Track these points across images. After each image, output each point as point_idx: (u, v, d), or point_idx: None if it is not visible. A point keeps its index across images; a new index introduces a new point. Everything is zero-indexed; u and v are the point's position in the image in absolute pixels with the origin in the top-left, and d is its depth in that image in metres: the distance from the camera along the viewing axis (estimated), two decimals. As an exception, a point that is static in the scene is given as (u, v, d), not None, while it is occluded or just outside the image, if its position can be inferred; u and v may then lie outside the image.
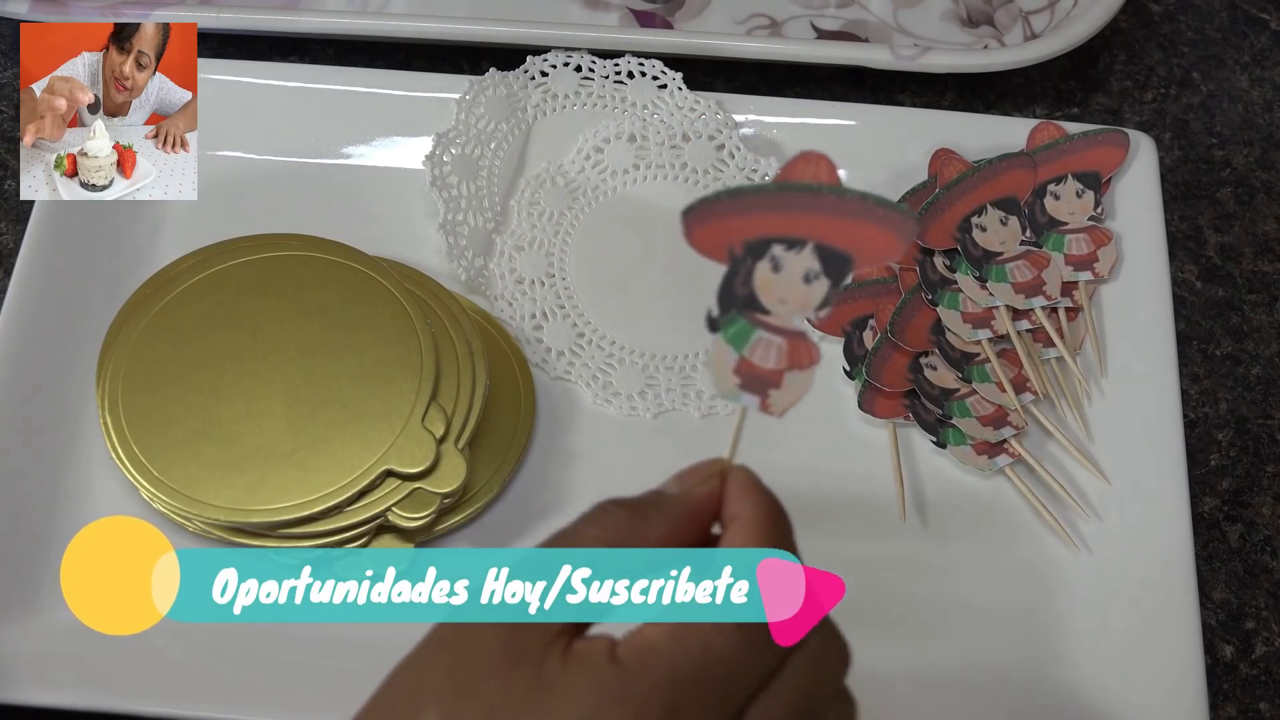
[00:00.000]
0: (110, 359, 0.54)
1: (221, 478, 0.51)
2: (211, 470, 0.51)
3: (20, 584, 0.52)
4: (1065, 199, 0.60)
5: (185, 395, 0.53)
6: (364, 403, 0.52)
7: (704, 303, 0.60)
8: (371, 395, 0.52)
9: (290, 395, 0.52)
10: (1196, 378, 0.60)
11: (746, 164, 0.61)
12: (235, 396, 0.53)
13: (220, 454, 0.52)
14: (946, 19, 0.69)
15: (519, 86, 0.62)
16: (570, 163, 0.62)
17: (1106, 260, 0.59)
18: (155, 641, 0.51)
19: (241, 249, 0.57)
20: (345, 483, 0.51)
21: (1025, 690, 0.51)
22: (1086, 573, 0.53)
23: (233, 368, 0.53)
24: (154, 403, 0.53)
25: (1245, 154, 0.66)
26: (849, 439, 0.57)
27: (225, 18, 0.63)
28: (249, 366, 0.53)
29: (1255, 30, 0.70)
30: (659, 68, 0.63)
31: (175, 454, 0.52)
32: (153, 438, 0.52)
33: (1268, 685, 0.54)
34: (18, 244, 0.58)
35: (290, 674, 0.51)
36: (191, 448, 0.52)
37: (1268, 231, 0.64)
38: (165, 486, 0.51)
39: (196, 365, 0.54)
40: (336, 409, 0.52)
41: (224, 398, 0.53)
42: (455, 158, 0.60)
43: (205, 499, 0.51)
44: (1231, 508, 0.57)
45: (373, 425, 0.52)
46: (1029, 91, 0.68)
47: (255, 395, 0.53)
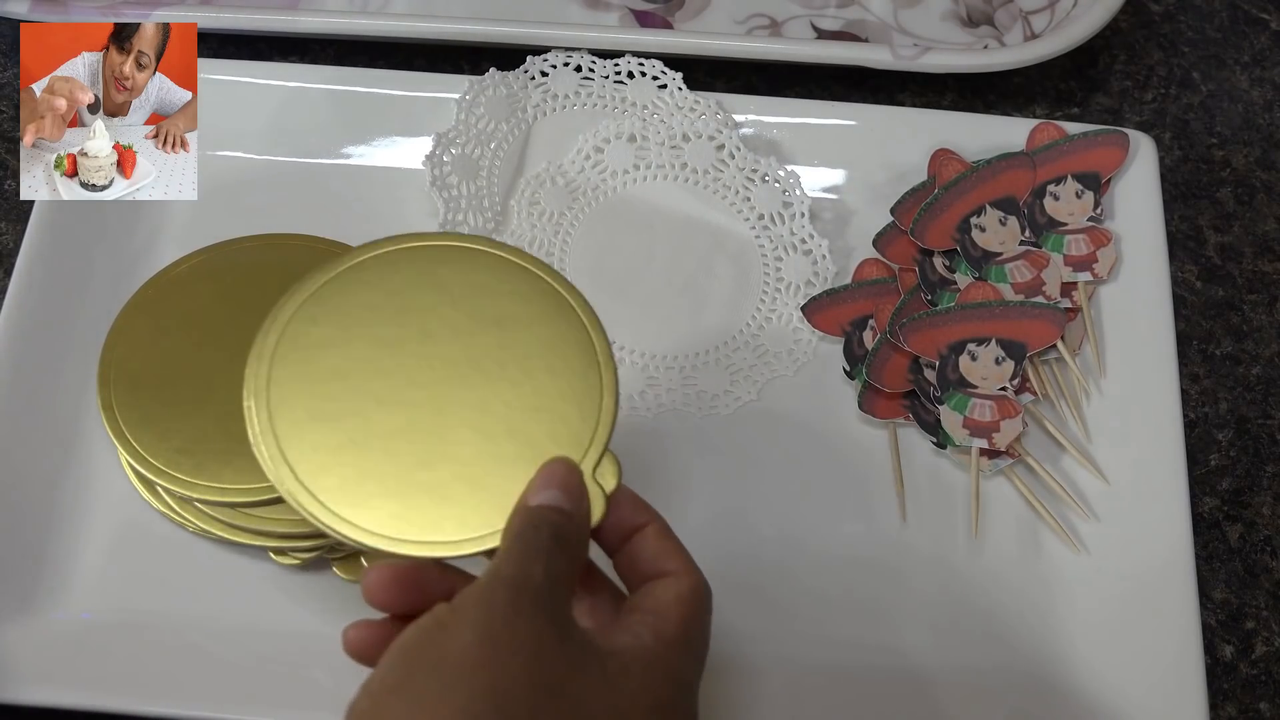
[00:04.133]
0: (111, 359, 0.54)
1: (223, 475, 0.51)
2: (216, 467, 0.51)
3: (20, 584, 0.52)
4: (1065, 199, 0.60)
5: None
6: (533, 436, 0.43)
7: (703, 303, 0.60)
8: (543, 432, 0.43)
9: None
10: (1196, 378, 0.60)
11: (746, 164, 0.61)
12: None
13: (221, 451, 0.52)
14: (946, 19, 0.69)
15: (519, 86, 0.62)
16: (570, 163, 0.62)
17: (1106, 261, 0.59)
18: (155, 641, 0.51)
19: (242, 249, 0.57)
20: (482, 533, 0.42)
21: (1025, 690, 0.51)
22: (1086, 573, 0.53)
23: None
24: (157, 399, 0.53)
25: (1245, 154, 0.66)
26: (849, 439, 0.57)
27: (225, 18, 0.64)
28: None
29: (1255, 30, 0.70)
30: (659, 68, 0.63)
31: (172, 453, 0.52)
32: (153, 436, 0.52)
33: (1268, 685, 0.54)
34: (18, 244, 0.58)
35: (290, 674, 0.51)
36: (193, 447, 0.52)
37: (1268, 231, 0.64)
38: (168, 475, 0.51)
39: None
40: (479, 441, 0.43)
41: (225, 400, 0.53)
42: (455, 158, 0.60)
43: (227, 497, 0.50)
44: (1231, 508, 0.57)
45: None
46: (1029, 91, 0.67)
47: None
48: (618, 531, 0.41)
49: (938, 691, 0.51)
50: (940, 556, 0.54)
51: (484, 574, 0.38)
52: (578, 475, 0.41)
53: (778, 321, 0.59)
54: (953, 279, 0.58)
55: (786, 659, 0.52)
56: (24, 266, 0.57)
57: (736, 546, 0.54)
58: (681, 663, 0.39)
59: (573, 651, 0.36)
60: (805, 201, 0.61)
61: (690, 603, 0.40)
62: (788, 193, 0.61)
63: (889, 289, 0.59)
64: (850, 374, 0.58)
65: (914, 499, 0.55)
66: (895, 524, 0.55)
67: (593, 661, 0.37)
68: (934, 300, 0.58)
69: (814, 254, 0.60)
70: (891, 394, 0.57)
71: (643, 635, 0.38)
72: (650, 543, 0.41)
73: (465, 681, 0.34)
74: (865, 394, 0.57)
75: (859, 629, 0.53)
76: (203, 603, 0.52)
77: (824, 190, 0.62)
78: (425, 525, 0.41)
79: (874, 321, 0.58)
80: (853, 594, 0.53)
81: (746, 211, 0.61)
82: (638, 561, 0.41)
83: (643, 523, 0.41)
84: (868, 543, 0.54)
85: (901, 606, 0.53)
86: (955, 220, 0.59)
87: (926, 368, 0.57)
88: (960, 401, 0.55)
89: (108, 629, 0.51)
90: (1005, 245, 0.59)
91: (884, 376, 0.56)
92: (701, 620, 0.40)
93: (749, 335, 0.59)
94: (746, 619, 0.52)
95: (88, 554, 0.53)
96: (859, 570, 0.54)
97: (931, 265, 0.59)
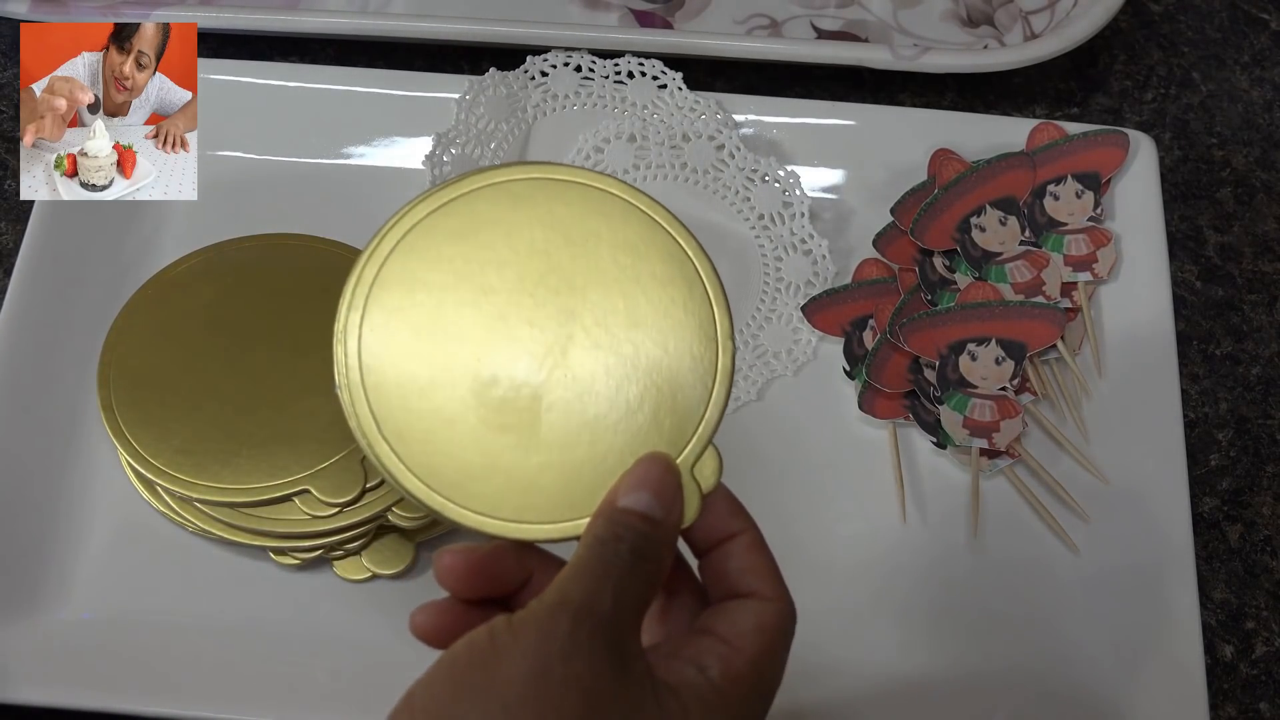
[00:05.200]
0: (111, 359, 0.54)
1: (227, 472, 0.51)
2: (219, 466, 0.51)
3: (20, 584, 0.52)
4: (1065, 199, 0.60)
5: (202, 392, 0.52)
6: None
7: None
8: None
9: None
10: (1196, 378, 0.60)
11: (746, 164, 0.61)
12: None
13: (221, 450, 0.52)
14: (946, 19, 0.69)
15: (519, 86, 0.62)
16: (570, 163, 0.62)
17: (1106, 261, 0.59)
18: (155, 641, 0.51)
19: (242, 249, 0.57)
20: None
21: (1025, 690, 0.51)
22: (1087, 573, 0.53)
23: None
24: (157, 399, 0.53)
25: (1245, 154, 0.66)
26: (849, 439, 0.57)
27: (225, 18, 0.64)
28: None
29: (1255, 30, 0.70)
30: (659, 68, 0.63)
31: (172, 453, 0.52)
32: (153, 436, 0.52)
33: (1268, 685, 0.54)
34: (18, 244, 0.58)
35: (290, 674, 0.51)
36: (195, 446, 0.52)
37: (1268, 231, 0.64)
38: (168, 475, 0.51)
39: (204, 363, 0.53)
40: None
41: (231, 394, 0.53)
42: (455, 158, 0.60)
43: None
44: (1231, 508, 0.57)
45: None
46: (1029, 91, 0.68)
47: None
48: (708, 536, 0.38)
49: (937, 691, 0.51)
50: (940, 556, 0.54)
51: (549, 591, 0.34)
52: (675, 478, 0.37)
53: (778, 321, 0.59)
54: (953, 279, 0.58)
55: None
56: (24, 266, 0.57)
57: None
58: (747, 704, 0.36)
59: (630, 690, 0.34)
60: (805, 201, 0.61)
61: (769, 634, 0.36)
62: (788, 193, 0.61)
63: (889, 289, 0.59)
64: (850, 374, 0.58)
65: (914, 499, 0.55)
66: (895, 524, 0.55)
67: (649, 700, 0.34)
68: (934, 300, 0.58)
69: (814, 254, 0.60)
70: (891, 394, 0.57)
71: (710, 669, 0.35)
72: (740, 555, 0.37)
73: (511, 716, 0.32)
74: (865, 394, 0.57)
75: (859, 629, 0.53)
76: (203, 603, 0.52)
77: (824, 190, 0.62)
78: (510, 506, 0.37)
79: (874, 321, 0.58)
80: (852, 594, 0.53)
81: (746, 211, 0.61)
82: (723, 574, 0.37)
83: (736, 531, 0.37)
84: (868, 543, 0.54)
85: (901, 606, 0.53)
86: (955, 220, 0.59)
87: (926, 368, 0.57)
88: (960, 401, 0.55)
89: (108, 629, 0.51)
90: (1005, 245, 0.59)
91: (884, 376, 0.56)
92: (779, 655, 0.37)
93: (749, 335, 0.59)
94: (746, 619, 0.52)
95: (88, 554, 0.53)
96: (859, 570, 0.54)
97: (931, 265, 0.59)
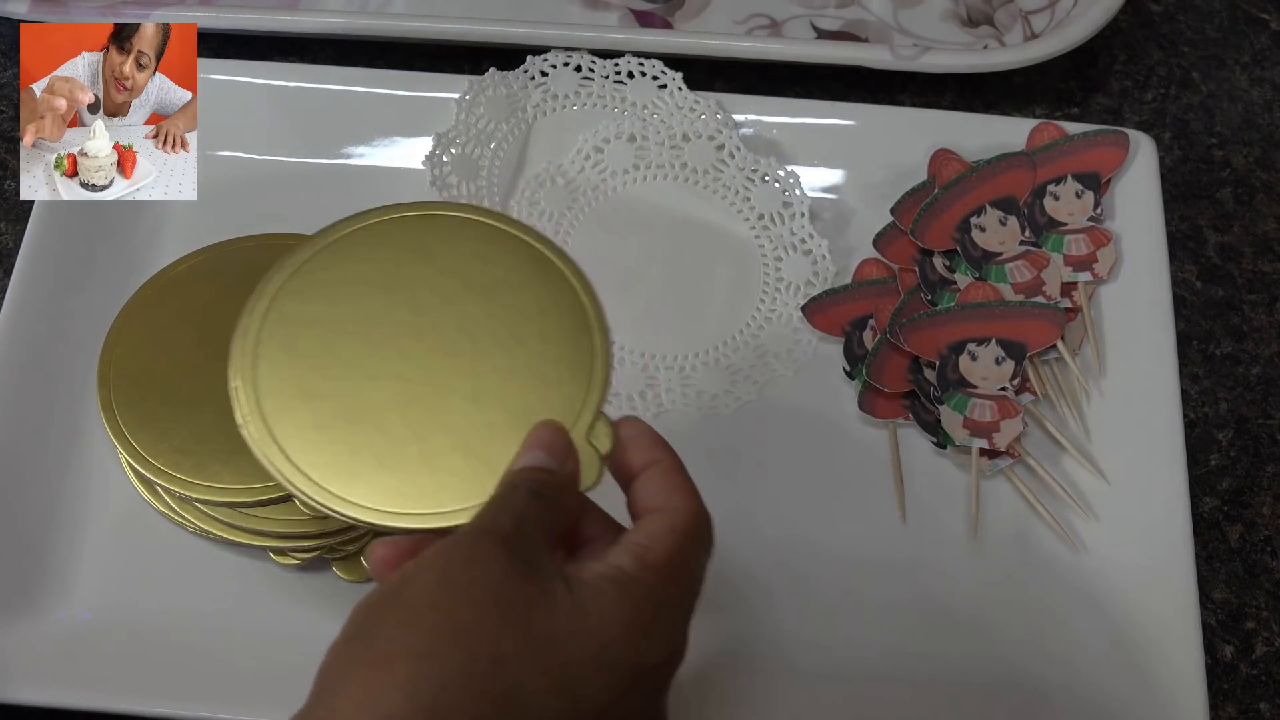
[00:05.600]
0: (111, 359, 0.54)
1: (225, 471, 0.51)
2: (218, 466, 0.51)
3: (20, 584, 0.52)
4: (1065, 199, 0.60)
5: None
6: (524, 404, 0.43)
7: (704, 303, 0.60)
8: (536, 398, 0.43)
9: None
10: (1196, 378, 0.60)
11: (746, 164, 0.61)
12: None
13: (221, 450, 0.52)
14: (946, 19, 0.69)
15: (519, 86, 0.62)
16: (570, 163, 0.62)
17: (1106, 261, 0.59)
18: (155, 641, 0.51)
19: (242, 249, 0.57)
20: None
21: (1025, 690, 0.51)
22: (1086, 573, 0.53)
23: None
24: (157, 399, 0.53)
25: (1245, 154, 0.66)
26: (849, 439, 0.57)
27: (225, 18, 0.64)
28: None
29: (1255, 30, 0.70)
30: (659, 68, 0.63)
31: (172, 453, 0.52)
32: (153, 436, 0.52)
33: (1268, 685, 0.54)
34: (18, 244, 0.58)
35: (290, 674, 0.51)
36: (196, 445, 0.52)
37: (1268, 231, 0.64)
38: (168, 475, 0.51)
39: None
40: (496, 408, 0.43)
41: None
42: (455, 158, 0.60)
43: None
44: (1231, 508, 0.57)
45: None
46: (1029, 91, 0.67)
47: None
48: (627, 473, 0.41)
49: (937, 691, 0.51)
50: (940, 556, 0.54)
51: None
52: (563, 435, 0.40)
53: (778, 322, 0.59)
54: (953, 279, 0.58)
55: (786, 659, 0.52)
56: (24, 266, 0.57)
57: (737, 546, 0.54)
58: (665, 585, 0.37)
59: (540, 584, 0.36)
60: (805, 201, 0.61)
61: (681, 534, 0.38)
62: (787, 193, 0.61)
63: (889, 289, 0.59)
64: (850, 374, 0.58)
65: (914, 499, 0.55)
66: (895, 524, 0.55)
67: (562, 590, 0.36)
68: (934, 300, 0.58)
69: (814, 254, 0.60)
70: (891, 394, 0.57)
71: (623, 562, 0.37)
72: (658, 478, 0.40)
73: (422, 620, 0.34)
74: (865, 394, 0.57)
75: (859, 629, 0.53)
76: (203, 603, 0.52)
77: (824, 190, 0.62)
78: (422, 498, 0.41)
79: (874, 321, 0.58)
80: (852, 594, 0.53)
81: (746, 211, 0.61)
82: (641, 499, 0.40)
83: (656, 460, 0.40)
84: (868, 543, 0.54)
85: (901, 606, 0.53)
86: (955, 220, 0.59)
87: (926, 368, 0.57)
88: (960, 401, 0.55)
89: (108, 629, 0.51)
90: (1005, 245, 0.59)
91: (884, 376, 0.56)
92: (694, 550, 0.39)
93: (749, 335, 0.59)
94: (746, 619, 0.52)
95: (88, 554, 0.53)
96: (859, 570, 0.54)
97: (931, 265, 0.59)
